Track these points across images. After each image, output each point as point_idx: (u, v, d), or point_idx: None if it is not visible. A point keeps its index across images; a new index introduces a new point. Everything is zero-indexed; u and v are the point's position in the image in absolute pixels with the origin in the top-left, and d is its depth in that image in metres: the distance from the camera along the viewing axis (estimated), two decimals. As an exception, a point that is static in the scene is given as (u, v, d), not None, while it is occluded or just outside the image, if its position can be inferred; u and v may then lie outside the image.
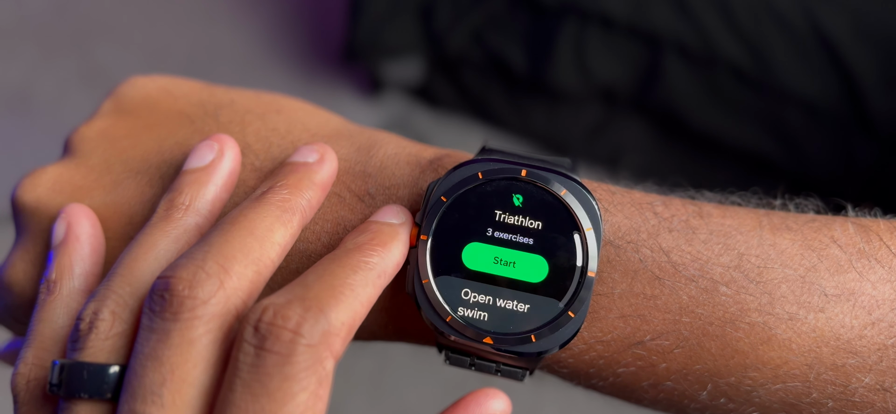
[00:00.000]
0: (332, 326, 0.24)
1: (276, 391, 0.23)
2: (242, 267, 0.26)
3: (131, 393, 0.24)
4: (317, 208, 0.30)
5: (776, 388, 0.28)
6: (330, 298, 0.24)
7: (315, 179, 0.30)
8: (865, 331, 0.28)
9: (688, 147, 0.89)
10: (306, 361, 0.23)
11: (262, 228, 0.27)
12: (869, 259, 0.28)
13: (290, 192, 0.29)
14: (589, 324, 0.28)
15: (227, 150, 0.31)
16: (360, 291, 0.26)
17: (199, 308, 0.25)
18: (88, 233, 0.31)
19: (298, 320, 0.23)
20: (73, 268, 0.30)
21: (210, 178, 0.30)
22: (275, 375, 0.23)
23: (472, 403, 0.28)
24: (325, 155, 0.30)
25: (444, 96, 0.98)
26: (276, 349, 0.23)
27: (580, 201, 0.28)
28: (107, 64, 1.05)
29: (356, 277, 0.26)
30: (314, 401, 0.23)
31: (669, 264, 0.28)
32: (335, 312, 0.24)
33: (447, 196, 0.29)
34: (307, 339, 0.23)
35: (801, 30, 0.77)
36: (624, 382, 0.29)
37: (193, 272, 0.25)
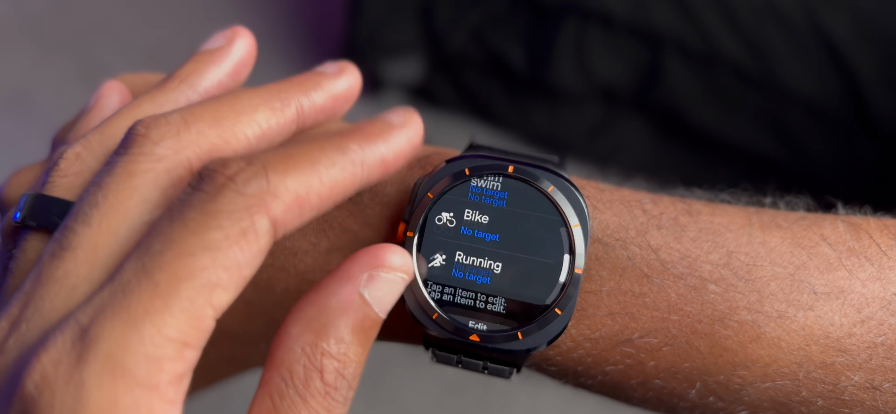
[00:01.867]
0: (272, 186, 0.23)
1: (191, 222, 0.22)
2: (206, 126, 0.25)
3: (70, 213, 0.24)
4: (322, 116, 0.29)
5: (765, 386, 0.28)
6: (280, 163, 0.23)
7: (324, 84, 0.29)
8: (855, 329, 0.27)
9: (688, 146, 0.88)
10: (230, 205, 0.22)
11: (245, 104, 0.26)
12: (859, 257, 0.28)
13: (290, 85, 0.28)
14: (577, 321, 0.28)
15: (240, 38, 0.31)
16: (324, 169, 0.24)
17: (147, 145, 0.24)
18: (113, 105, 0.32)
19: (236, 170, 0.23)
20: (86, 130, 0.30)
21: (214, 59, 0.30)
22: (195, 208, 0.22)
23: (361, 254, 0.25)
24: (345, 69, 0.30)
25: (444, 96, 0.98)
26: (205, 188, 0.22)
27: (568, 198, 0.28)
28: (106, 64, 1.06)
29: (322, 154, 0.24)
30: (231, 246, 0.22)
31: (658, 262, 0.28)
32: (281, 176, 0.23)
33: (434, 193, 0.28)
34: (238, 186, 0.22)
35: (801, 29, 0.77)
36: (612, 381, 0.29)
37: (155, 118, 0.25)
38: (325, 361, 0.23)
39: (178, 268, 0.21)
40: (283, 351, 0.23)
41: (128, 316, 0.21)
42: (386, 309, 0.25)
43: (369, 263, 0.25)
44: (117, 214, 0.24)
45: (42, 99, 1.03)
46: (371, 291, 0.24)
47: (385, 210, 0.30)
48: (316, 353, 0.23)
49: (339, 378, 0.24)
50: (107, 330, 0.21)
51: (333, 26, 1.07)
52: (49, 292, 0.23)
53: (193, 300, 0.21)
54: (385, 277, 0.25)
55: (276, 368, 0.23)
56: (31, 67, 1.05)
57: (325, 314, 0.24)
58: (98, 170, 0.27)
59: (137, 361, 0.21)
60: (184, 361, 0.21)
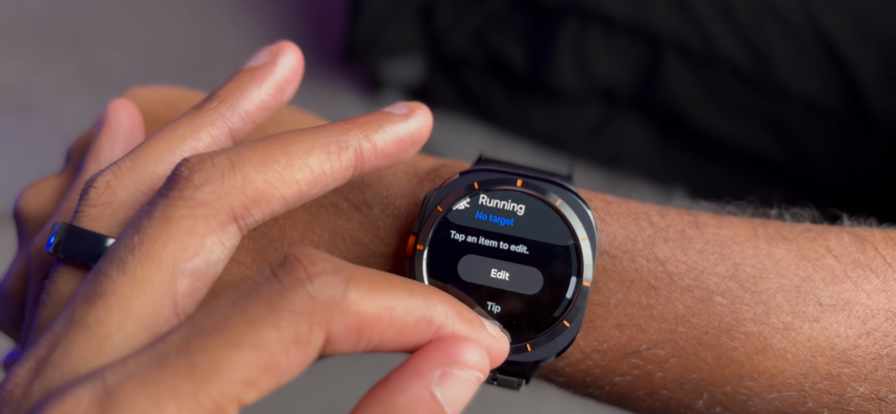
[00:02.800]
0: (347, 303, 0.21)
1: (250, 311, 0.21)
2: (254, 172, 0.24)
3: (105, 255, 0.24)
4: (387, 161, 0.27)
5: (772, 397, 0.28)
6: (363, 283, 0.22)
7: (389, 128, 0.27)
8: (860, 341, 0.28)
9: (688, 147, 0.89)
10: (297, 307, 0.21)
11: (299, 147, 0.25)
12: (864, 269, 0.28)
13: (352, 126, 0.26)
14: (585, 333, 0.29)
15: (285, 56, 0.29)
16: (401, 309, 0.22)
17: (189, 190, 0.23)
18: (123, 123, 0.31)
19: (320, 270, 0.21)
20: (100, 153, 0.30)
21: (257, 78, 0.29)
22: (263, 298, 0.21)
23: (433, 349, 0.23)
24: (415, 111, 0.28)
25: (444, 96, 0.98)
26: (282, 279, 0.21)
27: (576, 211, 0.28)
28: (106, 64, 1.06)
29: (405, 291, 0.23)
30: (280, 349, 0.21)
31: (665, 274, 0.28)
32: (362, 295, 0.22)
33: (444, 206, 0.29)
34: (314, 290, 0.21)
35: (801, 30, 0.77)
36: (620, 392, 0.29)
37: (201, 159, 0.24)
38: None
39: (220, 357, 0.20)
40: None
41: (156, 391, 0.20)
42: (458, 411, 0.23)
43: (443, 360, 0.23)
44: (152, 262, 0.23)
45: (42, 99, 1.03)
46: (443, 391, 0.23)
47: (396, 222, 0.30)
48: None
49: None
50: (130, 398, 0.20)
51: (333, 26, 1.08)
52: (80, 339, 0.22)
53: (224, 392, 0.20)
54: (459, 375, 0.23)
55: None
56: (31, 67, 1.05)
57: (394, 412, 0.22)
58: (127, 200, 0.26)
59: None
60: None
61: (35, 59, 1.06)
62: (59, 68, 1.05)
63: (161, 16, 1.11)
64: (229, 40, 1.08)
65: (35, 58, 1.06)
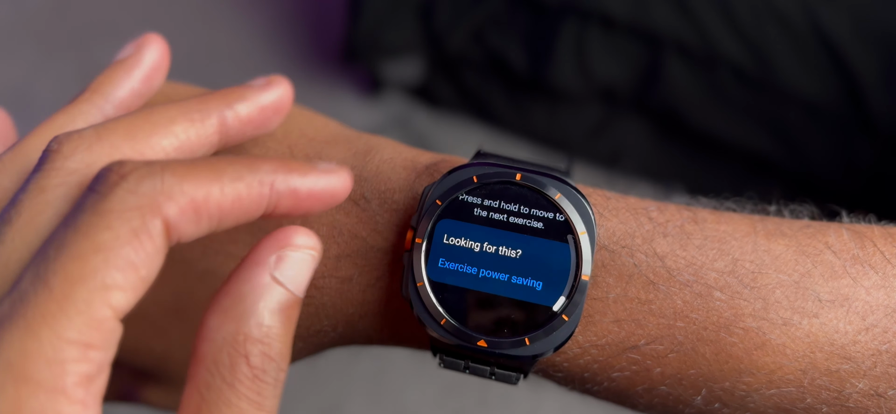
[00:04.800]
0: (167, 188, 0.22)
1: (81, 224, 0.22)
2: (120, 139, 0.25)
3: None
4: (249, 128, 0.29)
5: (770, 393, 0.28)
6: (180, 168, 0.23)
7: (250, 95, 0.29)
8: (859, 336, 0.28)
9: (688, 147, 0.89)
10: (120, 204, 0.22)
11: (162, 116, 0.27)
12: (863, 265, 0.28)
13: (213, 96, 0.28)
14: (583, 328, 0.29)
15: (149, 45, 0.31)
16: (228, 181, 0.24)
17: (58, 160, 0.25)
18: (151, 61, 0.31)
19: (130, 169, 0.23)
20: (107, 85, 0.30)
21: (125, 68, 0.30)
22: (87, 210, 0.22)
23: (268, 238, 0.25)
24: (274, 81, 0.30)
25: (444, 96, 0.98)
26: (98, 189, 0.23)
27: (574, 205, 0.28)
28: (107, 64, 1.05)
29: (229, 167, 0.24)
30: (122, 246, 0.22)
31: (664, 269, 0.28)
32: (177, 179, 0.23)
33: (442, 199, 0.29)
34: (130, 185, 0.22)
35: (801, 30, 0.77)
36: (618, 387, 0.29)
37: (69, 134, 0.25)
38: (249, 345, 0.23)
39: (70, 271, 0.21)
40: (206, 344, 0.23)
41: (25, 323, 0.21)
42: (302, 287, 0.25)
43: (275, 246, 0.24)
44: (30, 228, 0.24)
45: (42, 99, 1.03)
46: (282, 272, 0.24)
47: (394, 216, 0.30)
48: (238, 339, 0.23)
49: (267, 360, 0.23)
50: (6, 339, 0.21)
51: (333, 26, 1.08)
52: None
53: (89, 302, 0.21)
54: (294, 256, 0.24)
55: (201, 362, 0.23)
56: (31, 68, 1.05)
57: (242, 301, 0.23)
58: (10, 188, 0.27)
59: (39, 366, 0.21)
60: (89, 362, 0.21)
61: (35, 59, 1.06)
62: (59, 68, 1.06)
63: (161, 16, 1.11)
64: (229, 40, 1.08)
65: (35, 58, 1.06)
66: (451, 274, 0.28)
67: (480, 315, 0.28)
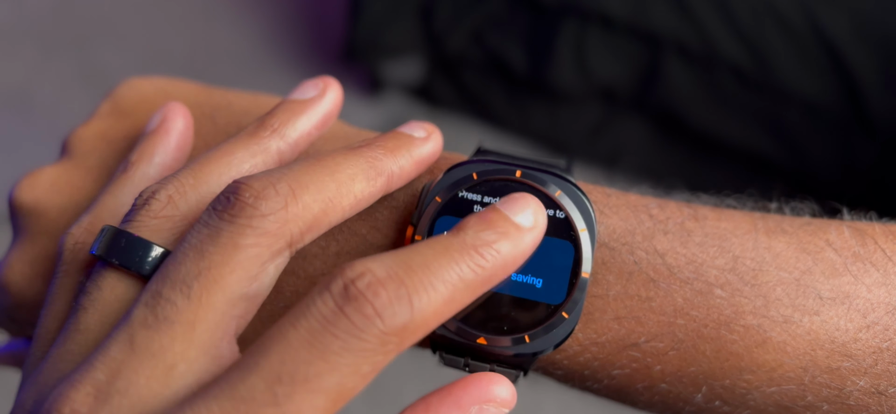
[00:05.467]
0: (414, 320, 0.23)
1: (332, 355, 0.22)
2: (311, 199, 0.25)
3: (163, 276, 0.24)
4: (408, 179, 0.30)
5: (771, 390, 0.28)
6: (424, 291, 0.23)
7: (414, 151, 0.29)
8: (860, 334, 0.28)
9: (688, 147, 0.89)
10: (373, 345, 0.22)
11: (345, 173, 0.27)
12: (864, 262, 0.28)
13: (385, 153, 0.28)
14: (583, 325, 0.28)
15: (330, 91, 0.31)
16: (459, 294, 0.24)
17: (257, 218, 0.24)
18: (179, 129, 0.31)
19: (386, 302, 0.22)
20: (153, 155, 0.31)
21: (305, 110, 0.31)
22: (339, 340, 0.22)
23: (472, 385, 0.25)
24: (432, 135, 0.30)
25: (444, 96, 0.98)
26: (354, 319, 0.22)
27: (575, 203, 0.28)
28: (107, 64, 1.06)
29: (463, 275, 0.24)
30: (357, 382, 0.22)
31: (664, 267, 0.28)
32: (423, 305, 0.23)
33: (442, 197, 0.29)
34: (385, 325, 0.22)
35: (801, 30, 0.77)
36: (619, 384, 0.29)
37: (264, 186, 0.25)
38: None
39: (305, 405, 0.21)
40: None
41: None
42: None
43: (480, 397, 0.25)
44: (217, 286, 0.24)
45: (42, 99, 1.03)
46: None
47: (393, 214, 0.30)
48: None
49: None
50: None
51: (333, 26, 1.07)
52: (144, 368, 0.23)
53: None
54: (492, 411, 0.25)
55: None
56: (31, 68, 1.05)
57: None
58: (187, 215, 0.27)
59: None
60: None
61: (35, 59, 1.06)
62: (59, 68, 1.05)
63: (161, 16, 1.11)
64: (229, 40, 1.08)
65: (35, 58, 1.06)
66: None
67: (480, 312, 0.28)
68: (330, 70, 1.04)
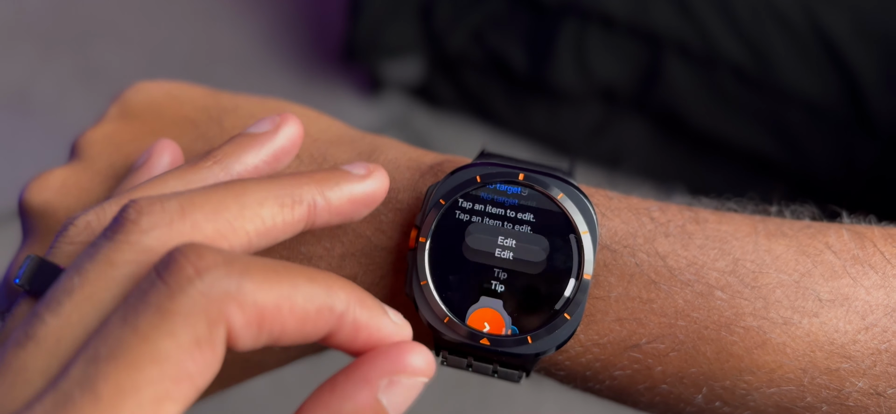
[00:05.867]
0: (241, 293, 0.21)
1: (142, 324, 0.20)
2: (203, 218, 0.23)
3: (43, 296, 0.23)
4: (338, 218, 0.27)
5: (771, 392, 0.28)
6: (259, 272, 0.21)
7: (345, 187, 0.27)
8: (859, 336, 0.28)
9: (688, 147, 0.89)
10: (189, 307, 0.20)
11: (252, 197, 0.25)
12: (863, 265, 0.28)
13: (310, 182, 0.26)
14: (585, 327, 0.29)
15: (286, 127, 0.29)
16: (301, 298, 0.22)
17: (135, 234, 0.23)
18: (164, 166, 0.30)
19: (208, 264, 0.21)
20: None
21: (255, 144, 0.28)
22: (151, 307, 0.20)
23: (381, 356, 0.23)
24: (373, 173, 0.28)
25: (444, 96, 0.98)
26: (168, 280, 0.20)
27: (577, 205, 0.29)
28: (107, 64, 1.06)
29: (305, 285, 0.22)
30: (181, 355, 0.20)
31: (665, 269, 0.29)
32: (255, 285, 0.21)
33: (445, 199, 0.29)
34: (204, 286, 0.20)
35: (801, 30, 0.77)
36: (620, 385, 0.30)
37: (151, 203, 0.23)
38: None
39: (122, 380, 0.20)
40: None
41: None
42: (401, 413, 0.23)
43: (390, 369, 0.23)
44: (89, 304, 0.22)
45: (42, 99, 1.03)
46: (389, 398, 0.23)
47: (398, 216, 0.30)
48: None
49: None
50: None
51: (333, 26, 1.08)
52: (4, 384, 0.21)
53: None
54: (405, 382, 0.23)
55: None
56: (31, 68, 1.05)
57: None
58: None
59: None
60: None
61: (35, 59, 1.06)
62: (59, 68, 1.06)
63: (161, 16, 1.11)
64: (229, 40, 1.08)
65: (35, 58, 1.06)
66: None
67: (484, 313, 0.28)
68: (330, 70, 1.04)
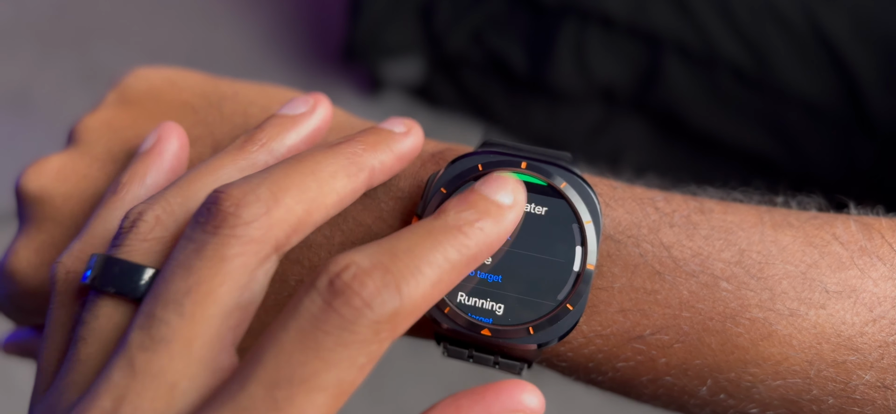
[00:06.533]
0: (404, 306, 0.23)
1: (326, 352, 0.22)
2: (294, 202, 0.25)
3: (154, 296, 0.24)
4: (390, 174, 0.29)
5: (776, 384, 0.28)
6: (410, 275, 0.23)
7: (393, 146, 0.29)
8: (866, 328, 0.27)
9: (688, 147, 0.89)
10: (366, 336, 0.22)
11: (325, 172, 0.27)
12: (870, 256, 0.28)
13: (365, 148, 0.28)
14: (588, 317, 0.28)
15: (320, 108, 0.31)
16: (446, 275, 0.24)
17: (240, 227, 0.24)
18: (173, 151, 0.31)
19: (373, 291, 0.22)
20: (145, 176, 0.30)
21: (295, 125, 0.30)
22: (331, 335, 0.22)
23: (503, 391, 0.25)
24: (412, 129, 0.30)
25: (444, 96, 0.98)
26: (343, 312, 0.22)
27: (580, 194, 0.28)
28: (107, 64, 1.05)
29: (436, 253, 0.24)
30: (355, 375, 0.22)
31: (670, 259, 0.28)
32: (412, 287, 0.23)
33: (447, 188, 0.28)
34: (375, 314, 0.22)
35: (801, 30, 0.77)
36: (623, 377, 0.29)
37: (244, 192, 0.25)
38: None
39: (306, 404, 0.22)
40: None
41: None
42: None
43: (510, 406, 0.25)
44: (209, 299, 0.23)
45: (42, 99, 1.03)
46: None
47: (398, 204, 0.30)
48: None
49: None
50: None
51: (333, 26, 1.07)
52: (147, 390, 0.23)
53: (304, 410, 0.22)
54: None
55: None
56: (31, 68, 1.05)
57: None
58: (177, 234, 0.26)
59: None
60: None
61: (35, 59, 1.06)
62: (59, 68, 1.05)
63: (161, 16, 1.11)
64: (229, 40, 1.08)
65: (35, 58, 1.06)
66: None
67: (485, 302, 0.28)
68: (330, 70, 1.04)
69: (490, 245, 0.25)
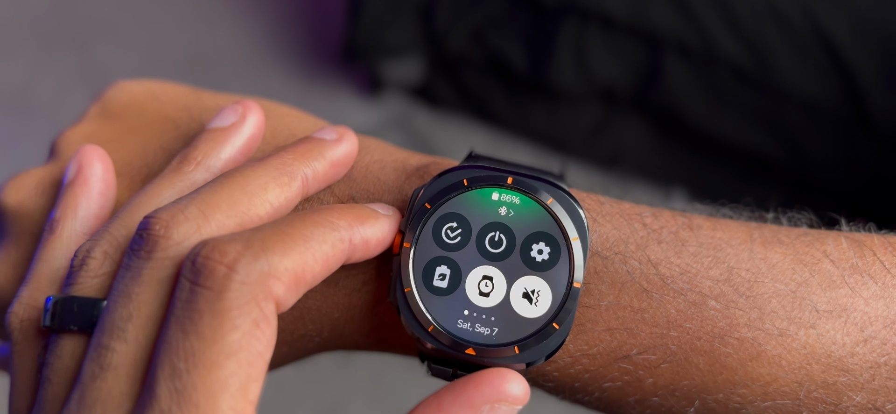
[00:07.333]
0: (272, 267, 0.23)
1: (205, 329, 0.22)
2: (224, 217, 0.25)
3: (101, 327, 0.24)
4: (326, 182, 0.29)
5: (765, 405, 0.27)
6: (277, 242, 0.24)
7: (326, 153, 0.29)
8: (857, 348, 0.27)
9: (688, 147, 0.88)
10: (239, 299, 0.22)
11: (255, 184, 0.27)
12: (862, 275, 0.28)
13: (295, 158, 0.28)
14: (574, 336, 0.28)
15: (250, 116, 0.31)
16: (316, 245, 0.25)
17: (172, 248, 0.24)
18: (98, 176, 0.31)
19: (235, 257, 0.23)
20: (77, 209, 0.30)
21: (228, 138, 0.30)
22: (206, 312, 0.22)
23: (484, 382, 0.26)
24: (344, 136, 0.30)
25: (444, 96, 0.98)
26: (209, 285, 0.22)
27: (567, 210, 0.28)
28: (107, 64, 1.05)
29: (315, 230, 0.25)
30: (249, 341, 0.22)
31: (658, 277, 0.28)
32: (279, 256, 0.23)
33: (431, 203, 0.28)
34: (242, 276, 0.22)
35: (801, 30, 0.77)
36: (610, 397, 0.29)
37: (172, 214, 0.25)
38: None
39: (210, 385, 0.22)
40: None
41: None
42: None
43: (493, 396, 0.25)
44: (151, 322, 0.24)
45: (42, 99, 1.02)
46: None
47: None
48: None
49: None
50: None
51: (333, 26, 1.07)
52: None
53: (234, 407, 0.22)
54: (504, 410, 0.25)
55: None
56: (31, 68, 1.05)
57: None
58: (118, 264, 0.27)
59: None
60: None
61: (35, 59, 1.06)
62: (59, 68, 1.05)
63: (161, 16, 1.10)
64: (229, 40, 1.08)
65: (35, 58, 1.06)
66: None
67: (469, 323, 0.27)
68: (330, 70, 1.04)
69: (363, 231, 0.27)
